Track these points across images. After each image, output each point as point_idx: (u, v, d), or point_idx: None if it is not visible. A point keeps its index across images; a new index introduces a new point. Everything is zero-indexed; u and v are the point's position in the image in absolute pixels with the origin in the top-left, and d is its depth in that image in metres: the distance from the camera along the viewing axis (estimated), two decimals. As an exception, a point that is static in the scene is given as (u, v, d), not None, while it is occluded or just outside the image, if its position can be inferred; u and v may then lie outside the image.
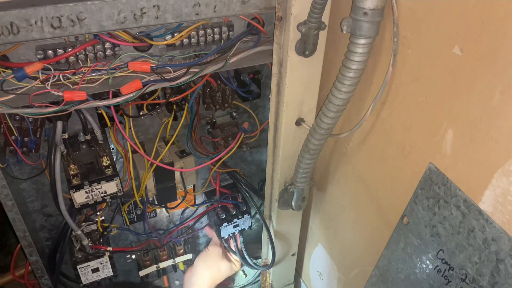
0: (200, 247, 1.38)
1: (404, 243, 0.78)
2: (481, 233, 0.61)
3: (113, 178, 0.92)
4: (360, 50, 0.67)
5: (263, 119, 1.11)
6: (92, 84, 0.74)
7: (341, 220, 1.04)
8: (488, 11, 0.53)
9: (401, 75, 0.71)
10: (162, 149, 0.98)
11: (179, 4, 0.69)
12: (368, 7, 0.63)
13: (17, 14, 0.61)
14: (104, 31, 0.68)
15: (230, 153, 1.02)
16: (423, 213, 0.72)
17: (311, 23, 0.73)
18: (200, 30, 0.80)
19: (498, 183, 0.57)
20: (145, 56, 0.77)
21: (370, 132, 0.83)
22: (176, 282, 1.35)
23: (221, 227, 1.17)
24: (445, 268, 0.70)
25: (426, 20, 0.63)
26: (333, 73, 0.78)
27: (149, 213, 1.18)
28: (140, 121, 1.00)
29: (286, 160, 0.94)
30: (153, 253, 1.20)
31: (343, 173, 0.97)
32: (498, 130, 0.56)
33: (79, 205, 0.91)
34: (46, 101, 0.72)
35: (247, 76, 0.95)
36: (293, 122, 0.89)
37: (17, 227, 0.92)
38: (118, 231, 1.12)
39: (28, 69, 0.69)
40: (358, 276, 1.02)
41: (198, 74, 0.78)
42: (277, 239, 1.11)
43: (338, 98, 0.73)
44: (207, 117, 1.07)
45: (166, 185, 1.02)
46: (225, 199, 1.16)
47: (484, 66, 0.56)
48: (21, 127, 0.84)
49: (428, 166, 0.69)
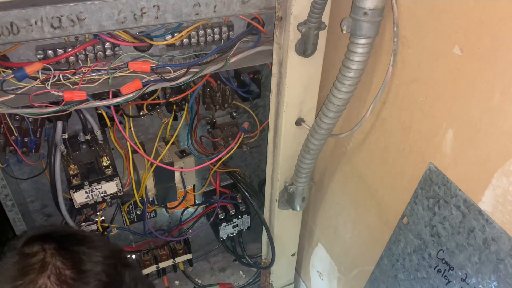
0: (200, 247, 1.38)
1: (404, 243, 0.78)
2: (481, 233, 0.61)
3: (113, 178, 0.92)
4: (360, 50, 0.67)
5: (263, 119, 1.11)
6: (92, 84, 0.74)
7: (341, 220, 1.04)
8: (488, 11, 0.53)
9: (401, 75, 0.71)
10: (162, 149, 0.98)
11: (179, 4, 0.69)
12: (368, 7, 0.63)
13: (17, 14, 0.61)
14: (104, 31, 0.68)
15: (230, 153, 1.02)
16: (423, 213, 0.72)
17: (311, 23, 0.73)
18: (200, 30, 0.79)
19: (498, 183, 0.57)
20: (145, 56, 0.77)
21: (370, 132, 0.83)
22: (176, 282, 1.35)
23: (220, 227, 1.17)
24: (445, 268, 0.70)
25: (426, 20, 0.63)
26: (333, 73, 0.78)
27: (149, 213, 1.18)
28: (140, 121, 1.00)
29: (286, 160, 0.94)
30: (153, 253, 1.20)
31: (343, 173, 0.97)
32: (498, 130, 0.56)
33: (79, 205, 0.91)
34: (46, 101, 0.72)
35: (247, 76, 0.95)
36: (293, 122, 0.89)
37: (17, 227, 0.92)
38: (118, 231, 1.12)
39: (28, 69, 0.69)
40: (358, 276, 1.02)
41: (198, 74, 0.78)
42: (277, 239, 1.11)
43: (338, 98, 0.73)
44: (207, 117, 1.07)
45: (166, 185, 1.02)
46: (224, 199, 1.16)
47: (484, 66, 0.56)
48: (21, 127, 0.84)
49: (428, 166, 0.69)
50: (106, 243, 0.63)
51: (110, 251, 0.60)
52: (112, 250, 0.61)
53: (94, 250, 0.57)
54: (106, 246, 0.61)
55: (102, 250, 0.58)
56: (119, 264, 0.60)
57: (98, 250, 0.58)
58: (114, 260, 0.59)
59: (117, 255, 0.61)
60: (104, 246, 0.60)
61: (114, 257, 0.60)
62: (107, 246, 0.61)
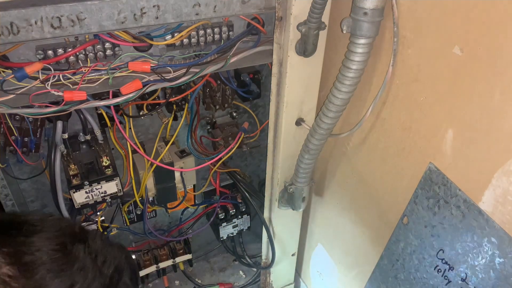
0: (200, 247, 1.38)
1: (404, 243, 0.78)
2: (481, 233, 0.61)
3: (113, 178, 0.92)
4: (360, 50, 0.67)
5: (263, 119, 1.11)
6: (92, 84, 0.74)
7: (341, 220, 1.03)
8: (488, 11, 0.53)
9: (401, 75, 0.71)
10: (162, 149, 0.98)
11: (179, 4, 0.69)
12: (368, 7, 0.63)
13: (17, 14, 0.61)
14: (104, 31, 0.68)
15: (230, 153, 1.02)
16: (423, 213, 0.72)
17: (311, 23, 0.72)
18: (200, 30, 0.79)
19: (498, 183, 0.57)
20: (145, 56, 0.77)
21: (370, 132, 0.83)
22: (176, 282, 1.35)
23: (220, 227, 1.17)
24: (445, 268, 0.70)
25: (426, 20, 0.63)
26: (333, 73, 0.78)
27: (149, 213, 1.18)
28: (140, 121, 1.00)
29: (286, 160, 0.94)
30: (153, 253, 1.20)
31: (343, 173, 0.97)
32: (498, 130, 0.56)
33: (79, 205, 0.91)
34: (46, 101, 0.72)
35: (247, 76, 0.95)
36: (293, 122, 0.89)
37: (17, 227, 0.91)
38: (118, 231, 1.12)
39: (28, 69, 0.69)
40: (358, 276, 1.02)
41: (198, 74, 0.78)
42: (277, 239, 1.11)
43: (338, 98, 0.73)
44: (207, 117, 1.07)
45: (166, 185, 1.02)
46: (224, 199, 1.16)
47: (484, 66, 0.56)
48: (21, 127, 0.84)
49: (428, 166, 0.69)
50: (52, 223, 0.55)
51: (55, 231, 0.53)
52: (59, 228, 0.54)
53: (34, 236, 0.50)
54: (50, 226, 0.53)
55: (46, 233, 0.51)
56: (69, 241, 0.53)
57: (40, 234, 0.51)
58: (62, 238, 0.52)
59: (65, 232, 0.54)
60: (49, 226, 0.53)
61: (61, 236, 0.53)
62: (52, 226, 0.54)
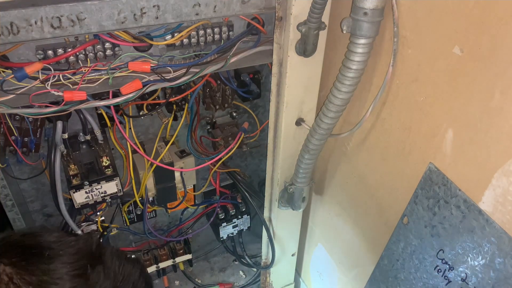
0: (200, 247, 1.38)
1: (404, 243, 0.78)
2: (481, 233, 0.61)
3: (113, 178, 0.92)
4: (360, 50, 0.67)
5: (263, 119, 1.11)
6: (92, 84, 0.74)
7: (341, 220, 1.04)
8: (488, 11, 0.53)
9: (401, 75, 0.71)
10: (162, 149, 0.98)
11: (179, 4, 0.69)
12: (368, 7, 0.63)
13: (17, 14, 0.61)
14: (104, 31, 0.68)
15: (230, 153, 1.02)
16: (423, 213, 0.72)
17: (311, 23, 0.72)
18: (200, 30, 0.79)
19: (498, 183, 0.57)
20: (145, 56, 0.77)
21: (370, 132, 0.83)
22: (176, 282, 1.35)
23: (220, 227, 1.17)
24: (445, 268, 0.70)
25: (426, 20, 0.63)
26: (333, 73, 0.78)
27: (149, 213, 1.18)
28: (140, 121, 1.00)
29: (286, 160, 0.94)
30: (153, 253, 1.20)
31: (343, 173, 0.97)
32: (498, 130, 0.56)
33: (79, 205, 0.91)
34: (46, 101, 0.72)
35: (247, 76, 0.95)
36: (293, 122, 0.89)
37: (17, 227, 0.92)
38: (118, 231, 1.12)
39: (28, 69, 0.69)
40: (358, 276, 1.02)
41: (198, 74, 0.78)
42: (277, 239, 1.11)
43: (338, 98, 0.73)
44: (207, 117, 1.07)
45: (166, 185, 1.02)
46: (224, 199, 1.16)
47: (484, 66, 0.56)
48: (21, 127, 0.84)
49: (428, 166, 0.69)
50: (70, 244, 0.55)
51: (74, 253, 0.53)
52: (77, 250, 0.54)
53: (55, 261, 0.50)
54: (69, 247, 0.53)
55: (65, 257, 0.52)
56: (88, 263, 0.53)
57: (60, 259, 0.51)
58: (81, 262, 0.53)
59: (84, 254, 0.54)
60: (67, 248, 0.53)
61: (80, 258, 0.53)
62: (71, 246, 0.54)
